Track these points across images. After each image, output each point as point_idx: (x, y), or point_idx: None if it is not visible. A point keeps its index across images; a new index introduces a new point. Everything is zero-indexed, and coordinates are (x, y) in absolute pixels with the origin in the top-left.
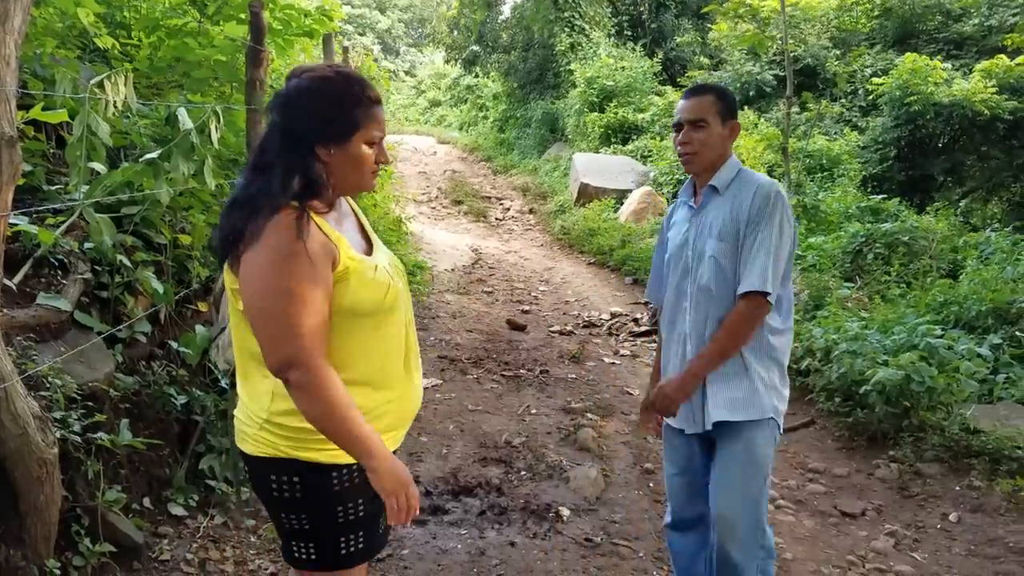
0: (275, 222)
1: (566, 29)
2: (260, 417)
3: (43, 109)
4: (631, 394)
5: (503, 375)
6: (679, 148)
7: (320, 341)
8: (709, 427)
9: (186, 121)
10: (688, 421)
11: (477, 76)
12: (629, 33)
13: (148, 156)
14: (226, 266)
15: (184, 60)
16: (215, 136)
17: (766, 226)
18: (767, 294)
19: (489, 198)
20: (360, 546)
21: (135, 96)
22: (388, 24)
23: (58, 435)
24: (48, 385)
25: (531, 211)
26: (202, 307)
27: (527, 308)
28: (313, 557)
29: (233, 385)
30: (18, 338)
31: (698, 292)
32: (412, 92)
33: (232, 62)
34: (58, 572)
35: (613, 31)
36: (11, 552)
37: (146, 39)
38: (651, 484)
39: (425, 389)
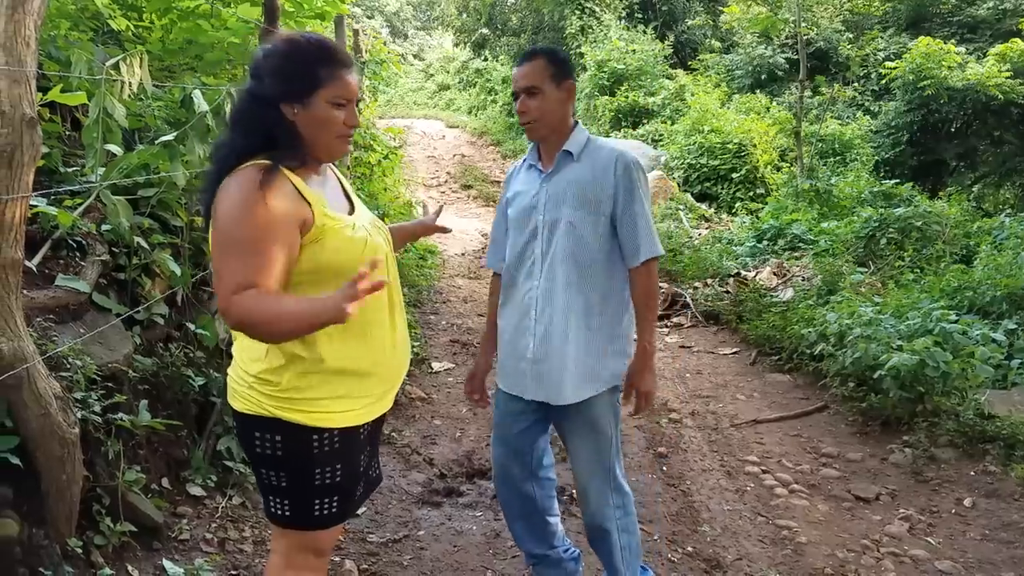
0: (237, 173)
1: (576, 12)
2: (250, 375)
3: (60, 91)
4: None
5: None
6: (519, 117)
7: (257, 282)
8: (539, 399)
9: (201, 103)
10: (535, 389)
11: (486, 60)
12: (640, 16)
13: (164, 138)
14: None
15: (197, 42)
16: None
17: (637, 196)
18: (660, 256)
19: (498, 183)
20: (333, 510)
21: (150, 78)
22: (396, 7)
23: (79, 415)
24: (68, 366)
25: None
26: None
27: None
28: (287, 514)
29: (231, 355)
30: (38, 319)
31: (551, 257)
32: (421, 76)
33: (245, 44)
34: (79, 551)
35: (624, 14)
36: (34, 531)
37: (158, 21)
38: (664, 467)
39: (437, 373)
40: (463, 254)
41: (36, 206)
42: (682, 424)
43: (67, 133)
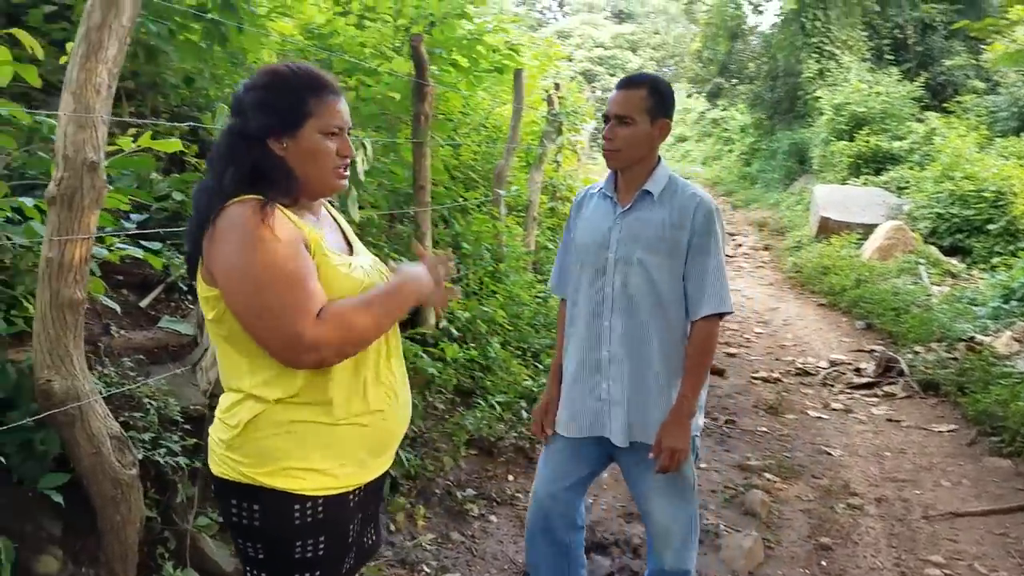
0: (228, 214)
1: (814, 55)
2: (228, 436)
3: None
4: (830, 455)
5: None
6: (604, 143)
7: (312, 308)
8: (626, 444)
9: None
10: (599, 427)
11: (725, 109)
12: (891, 57)
13: None
14: (198, 276)
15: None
16: (361, 168)
17: (712, 247)
18: (728, 313)
19: None
20: None
21: None
22: (640, 63)
23: (141, 456)
24: (148, 406)
25: (766, 248)
26: None
27: (734, 351)
28: None
29: (213, 408)
30: (124, 359)
31: (623, 298)
32: None
33: (405, 97)
34: None
35: (869, 55)
36: (83, 569)
37: (350, 80)
38: (823, 562)
39: None
40: None
41: (125, 249)
42: (861, 512)
43: None
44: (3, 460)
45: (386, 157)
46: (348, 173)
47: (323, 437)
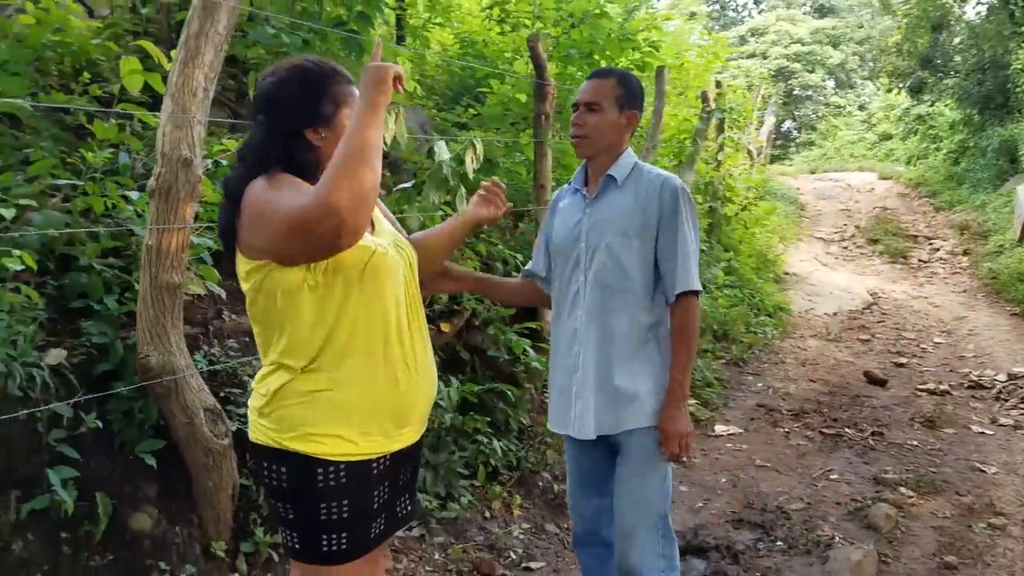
0: (250, 187)
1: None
2: (259, 404)
3: None
4: (983, 472)
5: (821, 432)
6: (572, 130)
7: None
8: (593, 436)
9: (442, 153)
10: (577, 428)
11: (933, 104)
12: None
13: (402, 186)
14: (237, 258)
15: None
16: (470, 167)
17: (682, 223)
18: (700, 291)
19: (916, 237)
20: (343, 547)
21: (405, 133)
22: (841, 58)
23: (234, 428)
24: (247, 383)
25: (965, 252)
26: (444, 327)
27: (903, 361)
28: (297, 547)
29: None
30: (230, 340)
31: (593, 285)
32: (862, 127)
33: (530, 98)
34: (223, 555)
35: None
36: (179, 529)
37: (497, 87)
38: None
39: (719, 436)
40: (834, 313)
41: None
42: (1003, 532)
43: None
44: (100, 424)
45: (510, 157)
46: None
47: (339, 408)
